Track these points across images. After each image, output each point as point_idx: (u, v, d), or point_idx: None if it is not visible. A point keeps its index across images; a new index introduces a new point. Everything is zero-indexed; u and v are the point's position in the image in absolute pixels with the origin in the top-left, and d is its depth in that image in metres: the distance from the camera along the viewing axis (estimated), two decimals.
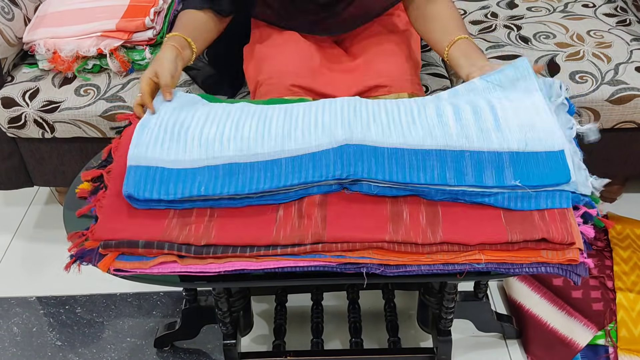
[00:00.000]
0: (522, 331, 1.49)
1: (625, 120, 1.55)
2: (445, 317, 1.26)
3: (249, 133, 1.06)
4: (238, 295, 1.26)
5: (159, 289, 1.64)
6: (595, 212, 1.00)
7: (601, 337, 1.41)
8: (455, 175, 0.98)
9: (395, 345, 1.37)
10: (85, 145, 1.62)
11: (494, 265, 0.95)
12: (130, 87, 1.55)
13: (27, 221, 1.89)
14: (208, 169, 1.02)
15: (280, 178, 0.99)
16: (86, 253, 0.98)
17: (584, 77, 1.53)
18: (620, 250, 1.56)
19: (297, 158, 1.02)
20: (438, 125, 1.04)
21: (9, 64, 1.59)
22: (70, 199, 1.11)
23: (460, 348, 1.47)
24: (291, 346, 1.44)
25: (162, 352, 1.50)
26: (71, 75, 1.57)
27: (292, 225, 0.97)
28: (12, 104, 1.53)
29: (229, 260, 0.96)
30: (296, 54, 1.43)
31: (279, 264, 0.96)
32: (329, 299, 1.56)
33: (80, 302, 1.62)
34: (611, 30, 1.69)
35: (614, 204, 1.84)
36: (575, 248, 0.94)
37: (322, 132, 1.04)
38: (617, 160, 1.67)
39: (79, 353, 1.50)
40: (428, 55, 1.73)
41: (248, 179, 1.00)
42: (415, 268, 0.95)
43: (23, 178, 1.71)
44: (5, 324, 1.58)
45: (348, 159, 0.99)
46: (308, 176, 0.99)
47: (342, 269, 0.96)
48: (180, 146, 1.05)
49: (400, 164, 0.99)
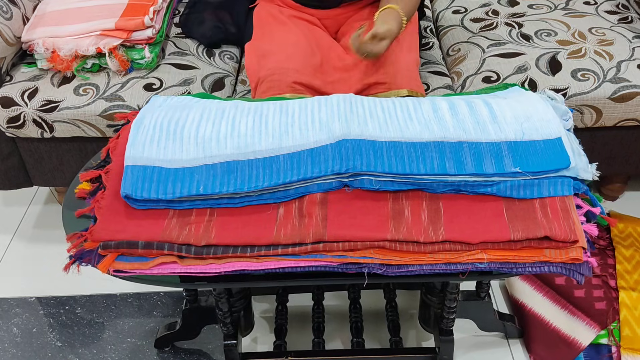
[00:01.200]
0: (524, 331, 1.48)
1: (627, 118, 1.54)
2: (447, 316, 1.26)
3: (245, 130, 1.06)
4: (239, 296, 1.26)
5: (160, 289, 1.63)
6: (598, 211, 1.00)
7: (604, 336, 1.40)
8: (455, 165, 0.98)
9: (396, 345, 1.36)
10: (84, 144, 1.61)
11: (497, 264, 0.95)
12: (129, 87, 1.54)
13: (26, 221, 1.88)
14: (206, 168, 1.01)
15: (279, 175, 0.99)
16: (85, 254, 0.97)
17: (585, 74, 1.52)
18: (623, 248, 1.55)
19: (295, 154, 1.01)
20: (434, 120, 1.05)
21: (7, 63, 1.59)
22: (70, 199, 1.11)
23: (462, 348, 1.46)
24: (292, 346, 1.44)
25: (162, 352, 1.49)
26: (70, 75, 1.56)
27: (293, 225, 0.96)
28: (10, 103, 1.53)
29: (229, 260, 0.95)
30: (298, 51, 1.43)
31: (279, 264, 0.95)
32: (330, 299, 1.55)
33: (80, 303, 1.62)
34: (613, 28, 1.68)
35: (616, 202, 1.83)
36: (578, 247, 0.94)
37: (319, 128, 1.04)
38: (619, 159, 1.66)
39: (79, 354, 1.50)
40: (428, 53, 1.72)
41: (247, 177, 0.99)
42: (418, 268, 0.95)
43: (22, 178, 1.70)
44: (5, 324, 1.58)
45: (347, 153, 0.99)
46: (307, 172, 0.98)
47: (343, 269, 0.95)
48: (176, 145, 1.05)
49: (399, 156, 0.99)
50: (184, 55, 1.65)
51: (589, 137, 1.60)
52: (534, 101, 1.09)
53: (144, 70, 1.58)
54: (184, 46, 1.69)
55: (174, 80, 1.57)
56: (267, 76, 1.39)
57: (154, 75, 1.57)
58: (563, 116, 1.10)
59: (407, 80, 1.40)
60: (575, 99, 1.50)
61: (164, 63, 1.62)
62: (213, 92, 1.57)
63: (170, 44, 1.69)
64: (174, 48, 1.68)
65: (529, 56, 1.59)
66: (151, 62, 1.57)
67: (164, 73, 1.58)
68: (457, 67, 1.64)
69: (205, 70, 1.62)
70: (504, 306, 1.57)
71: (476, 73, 1.58)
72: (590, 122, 1.55)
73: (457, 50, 1.69)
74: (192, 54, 1.66)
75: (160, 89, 1.54)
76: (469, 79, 1.58)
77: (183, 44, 1.70)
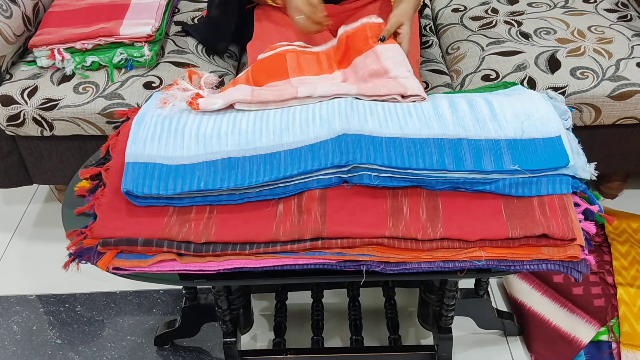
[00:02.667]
0: (524, 329, 1.49)
1: (626, 116, 1.54)
2: (446, 314, 1.26)
3: (246, 127, 1.06)
4: (238, 293, 1.26)
5: (159, 287, 1.64)
6: (596, 209, 1.00)
7: (604, 333, 1.40)
8: (454, 162, 0.98)
9: (395, 342, 1.37)
10: (84, 143, 1.61)
11: (495, 262, 0.95)
12: (129, 85, 1.54)
13: (26, 219, 1.89)
14: (207, 164, 1.01)
15: (280, 169, 0.99)
16: (85, 251, 0.97)
17: (584, 73, 1.52)
18: (618, 245, 1.55)
19: (295, 150, 1.02)
20: (434, 117, 1.05)
21: (7, 61, 1.59)
22: (69, 197, 1.11)
23: (461, 345, 1.46)
24: (291, 344, 1.44)
25: (162, 350, 1.50)
26: (70, 73, 1.57)
27: (292, 221, 0.97)
28: (10, 101, 1.53)
29: (229, 258, 0.95)
30: None
31: (278, 262, 0.96)
32: (329, 297, 1.55)
33: (80, 301, 1.62)
34: (612, 26, 1.68)
35: (615, 200, 1.84)
36: (576, 245, 0.94)
37: (320, 125, 1.04)
38: (618, 157, 1.66)
39: (79, 351, 1.50)
40: (428, 51, 1.73)
41: (247, 172, 1.00)
42: (416, 265, 0.95)
43: (22, 176, 1.70)
44: (5, 322, 1.58)
45: (346, 147, 0.99)
46: (307, 166, 0.99)
47: (342, 266, 0.96)
48: (177, 142, 1.05)
49: (398, 151, 0.99)
50: (183, 54, 1.66)
51: (587, 136, 1.60)
52: (535, 99, 1.09)
53: (144, 69, 1.59)
54: (183, 44, 1.69)
55: (173, 78, 1.57)
56: None
57: (153, 73, 1.58)
58: (562, 116, 1.11)
59: None
60: (574, 97, 1.50)
61: (164, 61, 1.62)
62: None
63: (169, 42, 1.70)
64: (174, 46, 1.68)
65: (528, 54, 1.59)
66: (150, 60, 1.58)
67: (163, 71, 1.59)
68: (456, 65, 1.65)
69: (205, 69, 1.62)
70: (503, 304, 1.57)
71: (475, 71, 1.58)
72: (589, 120, 1.55)
73: (456, 49, 1.69)
74: (192, 52, 1.67)
75: (160, 87, 1.54)
76: (468, 77, 1.58)
77: (182, 42, 1.70)
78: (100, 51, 1.56)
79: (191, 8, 1.86)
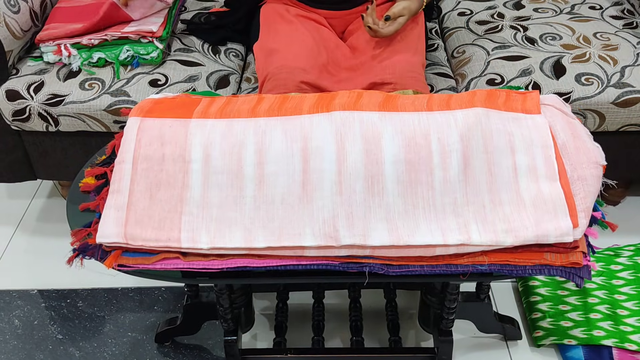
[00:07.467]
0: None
1: (630, 123, 1.54)
2: (446, 317, 1.26)
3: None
4: (240, 292, 1.26)
5: (161, 285, 1.64)
6: (599, 215, 1.00)
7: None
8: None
9: (396, 344, 1.37)
10: (89, 139, 1.62)
11: (497, 266, 0.95)
12: (135, 82, 1.55)
13: (29, 214, 1.89)
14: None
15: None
16: (89, 248, 0.98)
17: (589, 79, 1.52)
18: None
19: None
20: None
21: (14, 56, 1.59)
22: (74, 193, 1.11)
23: (461, 348, 1.47)
24: (292, 344, 1.44)
25: (162, 347, 1.50)
26: (76, 69, 1.57)
27: None
28: (16, 96, 1.53)
29: (232, 257, 0.96)
30: (304, 50, 1.44)
31: (281, 262, 0.96)
32: (330, 298, 1.56)
33: (81, 296, 1.62)
34: (618, 33, 1.68)
35: (617, 207, 1.84)
36: (579, 251, 0.94)
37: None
38: (621, 163, 1.66)
39: (80, 347, 1.50)
40: (433, 54, 1.73)
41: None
42: (418, 268, 0.95)
43: (26, 171, 1.71)
44: (7, 316, 1.58)
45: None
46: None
47: (344, 267, 0.96)
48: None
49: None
50: (189, 52, 1.66)
51: None
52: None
53: (150, 66, 1.59)
54: (189, 43, 1.70)
55: (179, 76, 1.57)
56: (274, 74, 1.40)
57: (159, 71, 1.58)
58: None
59: (413, 82, 1.40)
60: (579, 103, 1.50)
61: (170, 59, 1.62)
62: (218, 90, 1.57)
63: (176, 40, 1.70)
64: (180, 44, 1.69)
65: (533, 59, 1.59)
66: (157, 58, 1.58)
67: (169, 69, 1.59)
68: (461, 69, 1.65)
69: (211, 68, 1.62)
70: (504, 308, 1.57)
71: (480, 75, 1.59)
72: (593, 126, 1.55)
73: (462, 52, 1.70)
74: (198, 51, 1.67)
75: (166, 85, 1.55)
76: (473, 81, 1.58)
77: (189, 40, 1.71)
78: (107, 47, 1.57)
79: (198, 7, 1.86)
